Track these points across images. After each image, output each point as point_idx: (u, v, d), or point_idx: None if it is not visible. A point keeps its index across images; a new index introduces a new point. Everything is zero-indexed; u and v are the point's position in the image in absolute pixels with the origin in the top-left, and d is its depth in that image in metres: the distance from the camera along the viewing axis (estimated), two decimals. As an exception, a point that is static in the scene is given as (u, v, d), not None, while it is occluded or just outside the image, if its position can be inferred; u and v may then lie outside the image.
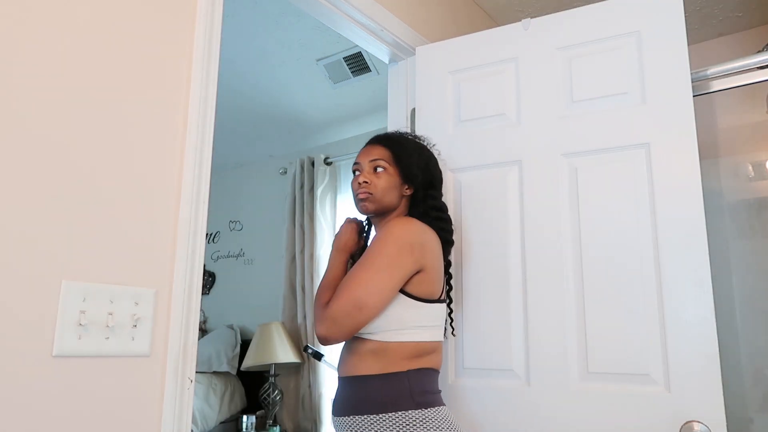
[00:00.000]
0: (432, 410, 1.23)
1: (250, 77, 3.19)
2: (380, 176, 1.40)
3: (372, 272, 1.25)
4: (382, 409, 1.22)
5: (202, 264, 1.17)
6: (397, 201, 1.42)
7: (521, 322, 1.55)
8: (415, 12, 1.98)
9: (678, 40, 1.49)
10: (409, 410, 1.21)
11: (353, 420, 1.25)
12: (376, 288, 1.24)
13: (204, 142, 1.20)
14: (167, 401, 1.07)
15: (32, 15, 0.97)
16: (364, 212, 1.43)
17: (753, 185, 2.33)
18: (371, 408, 1.23)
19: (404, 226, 1.31)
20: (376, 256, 1.27)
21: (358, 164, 1.44)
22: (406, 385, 1.24)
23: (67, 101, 1.00)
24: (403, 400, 1.22)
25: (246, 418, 3.21)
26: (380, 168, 1.41)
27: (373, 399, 1.24)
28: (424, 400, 1.24)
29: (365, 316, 1.23)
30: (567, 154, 1.58)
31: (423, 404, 1.23)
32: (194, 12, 1.23)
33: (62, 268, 0.96)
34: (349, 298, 1.23)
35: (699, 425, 1.30)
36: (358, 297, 1.23)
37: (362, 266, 1.27)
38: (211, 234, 4.34)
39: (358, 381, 1.28)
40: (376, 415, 1.21)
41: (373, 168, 1.41)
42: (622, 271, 1.45)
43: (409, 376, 1.25)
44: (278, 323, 3.37)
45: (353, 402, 1.27)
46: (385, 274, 1.25)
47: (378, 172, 1.40)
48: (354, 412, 1.25)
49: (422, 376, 1.28)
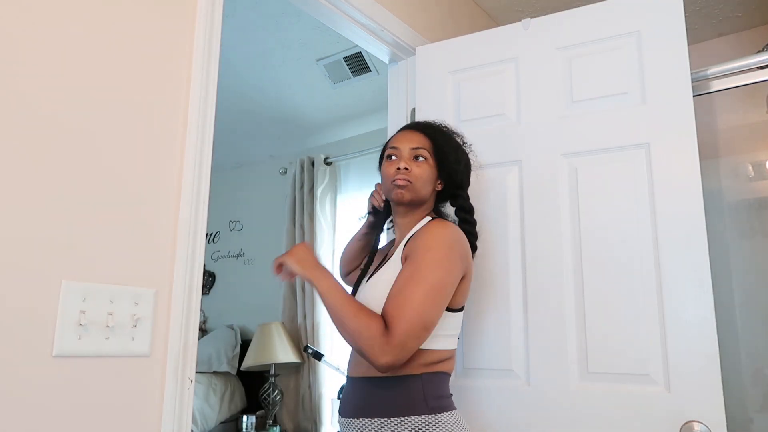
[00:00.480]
0: (445, 415, 1.19)
1: (250, 77, 3.19)
2: (421, 165, 1.32)
3: (432, 286, 1.16)
4: (395, 413, 1.17)
5: (202, 264, 1.17)
6: (430, 195, 1.35)
7: (521, 322, 1.55)
8: (415, 12, 1.98)
9: (678, 40, 1.49)
10: (422, 415, 1.17)
11: (364, 423, 1.20)
12: (438, 303, 1.17)
13: (204, 142, 1.20)
14: (167, 401, 1.07)
15: (32, 13, 0.97)
16: (398, 201, 1.33)
17: (753, 185, 2.33)
18: (384, 411, 1.19)
19: (452, 233, 1.24)
20: (433, 267, 1.18)
21: (397, 149, 1.34)
22: (421, 390, 1.19)
23: (67, 101, 1.00)
24: (417, 405, 1.18)
25: (246, 418, 3.20)
26: (421, 157, 1.32)
27: (387, 402, 1.19)
28: (438, 404, 1.20)
29: (429, 334, 1.17)
30: (567, 154, 1.58)
31: (437, 409, 1.19)
32: (194, 12, 1.23)
33: (62, 268, 0.96)
34: (416, 319, 1.13)
35: (699, 425, 1.30)
36: (426, 317, 1.14)
37: (420, 279, 1.16)
38: (211, 234, 4.34)
39: (372, 383, 1.23)
40: (388, 419, 1.17)
41: (414, 156, 1.32)
42: (622, 271, 1.45)
43: (423, 380, 1.20)
44: (278, 323, 3.37)
45: (365, 404, 1.23)
46: (444, 288, 1.19)
47: (419, 161, 1.32)
48: (365, 414, 1.21)
49: (436, 380, 1.23)
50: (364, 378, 1.25)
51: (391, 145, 1.36)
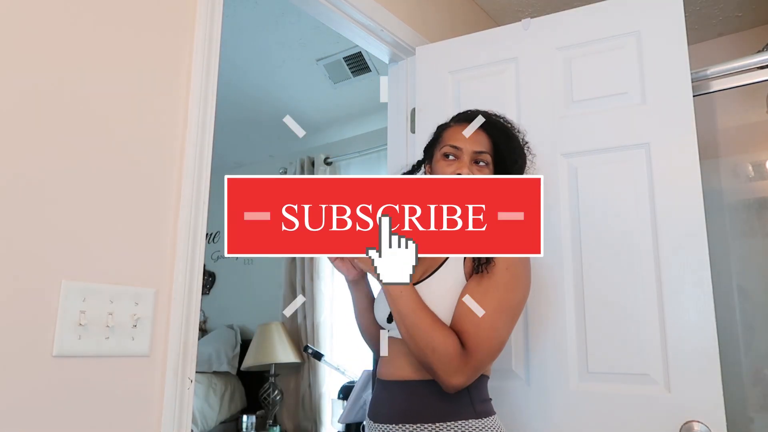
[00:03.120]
0: (490, 419, 1.16)
1: (250, 77, 3.19)
2: (482, 171, 1.24)
3: (512, 308, 1.15)
4: (442, 418, 1.12)
5: (202, 264, 1.17)
6: None
7: (521, 322, 1.55)
8: (415, 12, 1.98)
9: (678, 40, 1.49)
10: (470, 419, 1.12)
11: (404, 428, 1.13)
12: (514, 322, 1.16)
13: (204, 142, 1.20)
14: (167, 401, 1.07)
15: (32, 12, 0.97)
16: None
17: (753, 185, 2.33)
18: (429, 416, 1.12)
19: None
20: (513, 287, 1.15)
21: (459, 149, 1.24)
22: (467, 394, 1.14)
23: (67, 101, 1.00)
24: (465, 409, 1.13)
25: (246, 418, 3.20)
26: (482, 162, 1.24)
27: (433, 406, 1.13)
28: (484, 408, 1.16)
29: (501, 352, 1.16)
30: (567, 154, 1.58)
31: (483, 413, 1.15)
32: (194, 12, 1.23)
33: (62, 268, 0.96)
34: (496, 341, 1.12)
35: (699, 425, 1.29)
36: (504, 338, 1.14)
37: (501, 300, 1.13)
38: (211, 234, 4.34)
39: (414, 386, 1.16)
40: (433, 424, 1.11)
41: (475, 160, 1.24)
42: (622, 271, 1.45)
43: (470, 384, 1.14)
44: (278, 323, 3.37)
45: (407, 409, 1.15)
46: (521, 306, 1.17)
47: (480, 166, 1.24)
48: (407, 419, 1.14)
49: (481, 383, 1.19)
50: (404, 381, 1.18)
51: (452, 143, 1.26)
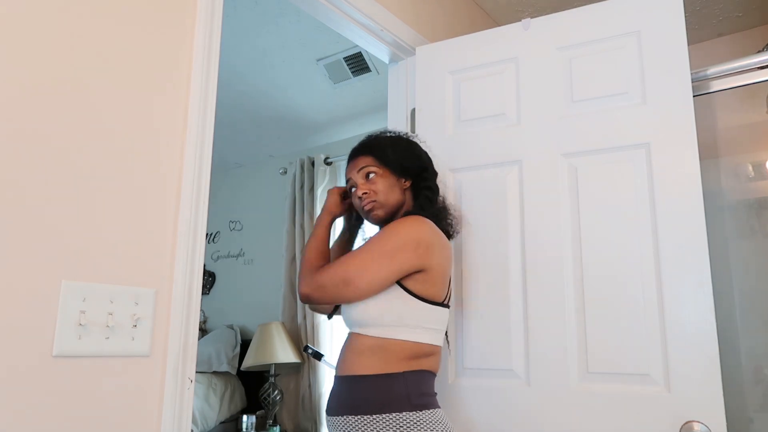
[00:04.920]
0: (427, 412, 1.23)
1: (250, 77, 3.19)
2: (375, 181, 1.40)
3: (368, 256, 1.28)
4: (378, 410, 1.21)
5: (202, 264, 1.18)
6: (401, 197, 1.42)
7: (521, 321, 1.55)
8: (415, 12, 1.98)
9: (678, 40, 1.49)
10: (404, 412, 1.21)
11: (347, 420, 1.24)
12: (368, 271, 1.26)
13: (204, 142, 1.20)
14: (167, 401, 1.07)
15: (32, 12, 0.97)
16: (376, 222, 1.42)
17: (753, 185, 2.33)
18: (367, 408, 1.22)
19: (414, 223, 1.32)
20: (377, 243, 1.30)
21: (351, 180, 1.45)
22: (404, 387, 1.24)
23: (67, 101, 1.00)
24: (400, 402, 1.22)
25: (246, 418, 3.20)
26: (371, 173, 1.41)
27: (370, 399, 1.23)
28: (421, 402, 1.24)
29: (351, 293, 1.27)
30: (567, 154, 1.58)
31: (419, 406, 1.23)
32: (194, 12, 1.23)
33: (62, 268, 0.96)
34: (340, 272, 1.28)
35: (699, 425, 1.30)
36: (349, 274, 1.27)
37: (362, 249, 1.31)
38: (211, 234, 4.34)
39: (355, 380, 1.27)
40: (370, 416, 1.21)
41: (365, 176, 1.41)
42: (622, 271, 1.45)
43: (406, 378, 1.25)
44: (278, 323, 3.37)
45: (348, 401, 1.26)
46: (380, 262, 1.27)
47: (371, 178, 1.41)
48: (349, 411, 1.24)
49: (419, 378, 1.27)
50: (348, 376, 1.29)
51: (347, 177, 1.47)
